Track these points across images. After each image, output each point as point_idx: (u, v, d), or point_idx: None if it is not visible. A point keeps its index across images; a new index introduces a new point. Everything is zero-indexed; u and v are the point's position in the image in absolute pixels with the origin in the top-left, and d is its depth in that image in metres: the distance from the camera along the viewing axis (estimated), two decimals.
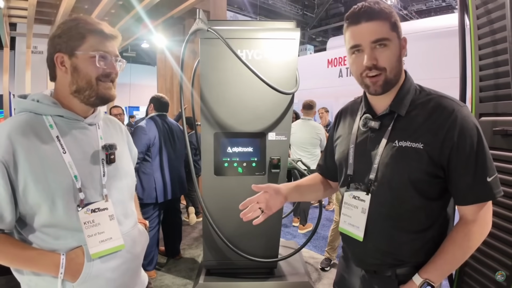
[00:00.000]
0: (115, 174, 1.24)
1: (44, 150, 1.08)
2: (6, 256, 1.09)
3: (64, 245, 1.11)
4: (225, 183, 2.67)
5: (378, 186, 1.19)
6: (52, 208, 1.07)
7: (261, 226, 2.69)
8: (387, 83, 1.15)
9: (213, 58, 2.54)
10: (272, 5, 15.32)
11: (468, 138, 1.08)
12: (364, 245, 1.23)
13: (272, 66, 2.55)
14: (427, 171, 1.11)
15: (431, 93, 1.21)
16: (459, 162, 1.09)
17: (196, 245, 4.42)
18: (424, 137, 1.11)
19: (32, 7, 5.30)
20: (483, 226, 1.14)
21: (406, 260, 1.20)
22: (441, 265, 1.14)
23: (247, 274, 2.84)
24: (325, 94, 10.40)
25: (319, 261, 3.85)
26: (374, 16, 1.11)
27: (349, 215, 1.27)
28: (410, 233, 1.18)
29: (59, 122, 1.14)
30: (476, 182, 1.09)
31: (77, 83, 1.13)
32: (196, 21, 2.42)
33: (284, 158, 2.66)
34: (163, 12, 5.79)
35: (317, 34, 19.19)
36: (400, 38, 1.17)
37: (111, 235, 1.16)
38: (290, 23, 2.74)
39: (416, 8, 15.42)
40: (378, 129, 1.21)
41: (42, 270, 1.10)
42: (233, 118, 2.60)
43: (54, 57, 1.13)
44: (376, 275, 1.26)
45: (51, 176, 1.07)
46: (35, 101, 1.13)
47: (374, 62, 1.12)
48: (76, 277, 1.09)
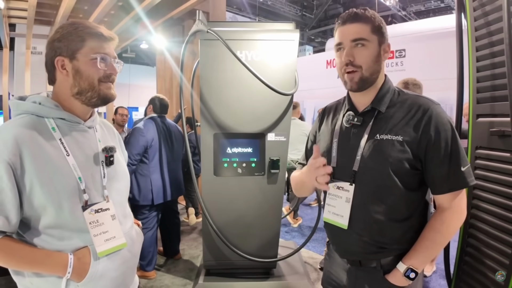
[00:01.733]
0: (114, 176, 1.28)
1: (49, 153, 1.09)
2: (12, 258, 1.08)
3: (69, 246, 1.13)
4: (224, 184, 2.68)
5: (361, 177, 1.27)
6: (58, 209, 1.08)
7: (260, 226, 2.71)
8: (362, 80, 1.26)
9: (213, 59, 2.55)
10: (271, 6, 15.33)
11: (442, 132, 1.19)
12: (349, 233, 1.31)
13: (271, 67, 2.56)
14: (407, 162, 1.21)
15: (408, 94, 1.32)
16: (435, 154, 1.20)
17: (195, 246, 4.43)
18: (403, 131, 1.22)
19: (32, 8, 5.30)
20: (458, 213, 1.24)
21: (388, 247, 1.28)
22: (422, 251, 1.23)
23: (246, 274, 2.84)
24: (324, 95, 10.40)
25: (318, 261, 3.87)
26: (357, 19, 1.25)
27: (333, 205, 1.34)
28: (391, 221, 1.26)
29: (61, 124, 1.16)
30: (451, 172, 1.19)
31: (79, 85, 1.16)
32: (196, 22, 2.43)
33: (283, 159, 2.67)
34: (162, 13, 5.80)
35: (316, 35, 19.21)
36: (383, 42, 1.28)
37: (114, 234, 1.20)
38: (289, 24, 2.75)
39: (415, 9, 15.44)
40: (360, 125, 1.31)
41: (49, 271, 1.10)
42: (232, 118, 2.61)
43: (54, 61, 1.15)
44: (361, 267, 1.33)
45: (56, 178, 1.09)
46: (37, 103, 1.15)
47: (351, 59, 1.24)
48: (82, 276, 1.11)
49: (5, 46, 7.32)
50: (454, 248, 1.87)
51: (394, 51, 9.08)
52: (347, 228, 1.30)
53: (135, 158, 3.31)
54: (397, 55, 9.03)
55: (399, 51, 9.03)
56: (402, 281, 1.24)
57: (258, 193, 2.67)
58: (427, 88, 2.62)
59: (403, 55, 8.92)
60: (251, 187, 2.66)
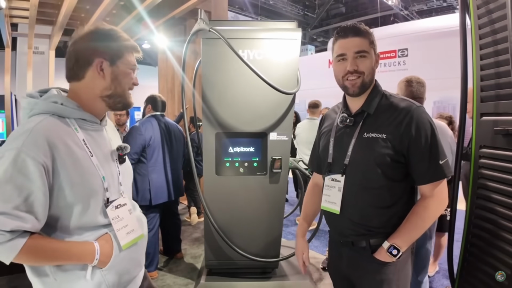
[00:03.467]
0: (125, 173, 1.35)
1: (77, 154, 1.12)
2: (42, 253, 1.09)
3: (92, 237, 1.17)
4: (226, 183, 2.67)
5: (350, 169, 1.48)
6: (85, 208, 1.13)
7: (262, 226, 2.71)
8: (363, 85, 1.45)
9: (215, 58, 2.55)
10: (273, 5, 15.32)
11: (422, 130, 1.37)
12: (341, 217, 1.52)
13: (273, 66, 2.55)
14: (389, 156, 1.39)
15: (395, 97, 1.50)
16: (417, 150, 1.38)
17: (197, 245, 4.43)
18: (387, 130, 1.41)
19: (34, 8, 5.30)
20: (439, 201, 1.41)
21: (375, 230, 1.46)
22: (404, 232, 1.41)
23: (248, 274, 2.84)
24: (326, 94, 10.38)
25: (321, 261, 3.86)
26: (359, 33, 1.43)
27: (329, 194, 1.56)
28: (377, 208, 1.45)
29: (81, 125, 1.19)
30: (431, 166, 1.38)
31: (114, 89, 1.21)
32: (198, 22, 2.42)
33: (285, 158, 2.66)
34: (164, 13, 5.79)
35: (318, 34, 19.18)
36: (375, 53, 1.48)
37: (133, 227, 1.27)
38: (291, 23, 2.74)
39: (417, 8, 15.39)
40: (352, 125, 1.51)
41: (80, 260, 1.13)
42: (234, 118, 2.61)
43: (93, 60, 1.17)
44: (354, 247, 1.52)
45: (85, 179, 1.12)
46: (58, 104, 1.15)
47: (356, 68, 1.43)
48: (106, 262, 1.17)
49: (7, 46, 7.32)
50: (458, 248, 1.85)
51: (397, 51, 9.06)
52: (339, 213, 1.52)
53: (133, 157, 3.24)
54: (400, 55, 9.01)
55: (401, 50, 9.01)
56: (386, 257, 1.42)
57: (260, 193, 2.66)
58: (429, 87, 2.61)
59: (405, 55, 8.90)
60: (253, 187, 2.66)
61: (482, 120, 1.72)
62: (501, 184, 1.59)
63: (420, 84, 2.43)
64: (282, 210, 2.77)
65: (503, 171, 1.58)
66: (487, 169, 1.68)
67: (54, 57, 8.23)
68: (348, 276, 1.59)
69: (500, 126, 1.58)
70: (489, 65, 1.66)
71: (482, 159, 1.72)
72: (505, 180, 1.57)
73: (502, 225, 1.57)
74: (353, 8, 17.27)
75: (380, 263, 1.44)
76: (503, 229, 1.56)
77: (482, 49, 1.70)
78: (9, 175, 1.01)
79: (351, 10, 17.34)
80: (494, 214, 1.62)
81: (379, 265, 1.45)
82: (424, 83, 2.46)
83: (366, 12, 16.21)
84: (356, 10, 17.04)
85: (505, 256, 1.54)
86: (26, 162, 1.01)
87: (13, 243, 1.01)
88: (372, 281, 1.48)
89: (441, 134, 2.37)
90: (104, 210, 1.19)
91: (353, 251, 1.53)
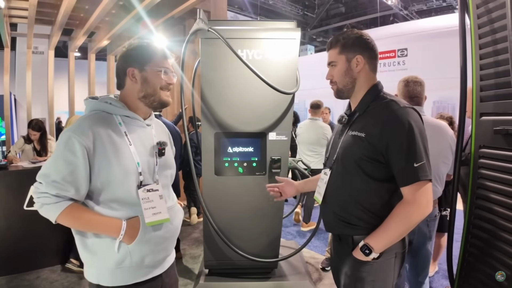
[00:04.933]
0: (163, 165, 1.56)
1: (116, 141, 1.38)
2: (78, 220, 1.35)
3: (123, 215, 1.39)
4: (225, 183, 2.67)
5: (336, 164, 1.58)
6: (120, 185, 1.36)
7: (261, 226, 2.70)
8: (338, 91, 1.59)
9: (214, 58, 2.54)
10: (273, 5, 15.32)
11: (401, 132, 1.37)
12: (324, 207, 1.65)
13: (273, 66, 2.55)
14: (365, 154, 1.44)
15: (386, 98, 1.51)
16: (394, 150, 1.39)
17: (196, 245, 4.42)
18: (367, 129, 1.46)
19: (33, 7, 5.30)
20: (418, 206, 1.37)
21: (355, 224, 1.51)
22: (379, 234, 1.43)
23: (247, 274, 2.84)
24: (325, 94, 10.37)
25: (320, 261, 3.85)
26: (330, 46, 1.61)
27: (319, 185, 1.69)
28: (356, 203, 1.50)
29: (126, 120, 1.46)
30: (406, 167, 1.37)
31: (145, 90, 1.46)
32: (197, 21, 2.41)
33: (284, 158, 2.66)
34: (163, 13, 5.78)
35: (317, 34, 19.18)
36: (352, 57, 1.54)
37: (160, 210, 1.45)
38: (291, 23, 2.73)
39: (417, 8, 15.40)
40: (346, 123, 1.61)
41: (106, 232, 1.37)
42: (233, 118, 2.60)
43: (127, 70, 1.45)
44: (341, 242, 1.60)
45: (121, 161, 1.36)
46: (108, 103, 1.44)
47: (330, 77, 1.61)
48: (132, 239, 1.37)
49: (7, 46, 7.31)
50: (457, 248, 1.85)
51: (396, 50, 9.06)
52: (322, 203, 1.64)
53: None
54: (399, 54, 9.01)
55: (401, 50, 9.01)
56: (359, 255, 1.46)
57: (259, 193, 2.65)
58: (429, 87, 2.60)
59: (405, 54, 8.90)
60: (252, 187, 2.65)
61: (482, 120, 1.71)
62: (501, 184, 1.59)
63: (417, 84, 2.42)
64: (281, 210, 2.76)
65: (503, 171, 1.58)
66: (487, 169, 1.68)
67: (54, 57, 8.22)
68: (338, 269, 1.66)
69: (500, 126, 1.58)
70: (489, 64, 1.66)
71: (481, 159, 1.71)
72: (504, 180, 1.56)
73: (501, 226, 1.56)
74: (352, 8, 17.28)
75: (356, 260, 1.49)
76: (502, 230, 1.56)
77: (482, 48, 1.70)
78: (61, 152, 1.31)
79: (351, 10, 17.35)
80: (493, 215, 1.62)
81: (355, 262, 1.50)
82: (422, 82, 2.44)
83: (366, 12, 16.22)
84: (355, 10, 17.05)
85: (504, 256, 1.54)
86: (74, 144, 1.30)
87: (57, 205, 1.31)
88: (348, 276, 1.54)
89: (441, 134, 2.37)
90: (136, 191, 1.40)
91: (340, 245, 1.61)
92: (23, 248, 3.50)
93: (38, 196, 1.33)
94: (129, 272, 1.42)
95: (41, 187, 1.32)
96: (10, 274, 3.48)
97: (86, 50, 9.44)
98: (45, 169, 1.34)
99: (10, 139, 7.46)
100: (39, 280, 3.40)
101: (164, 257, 1.55)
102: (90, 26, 6.23)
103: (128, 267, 1.40)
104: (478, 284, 1.69)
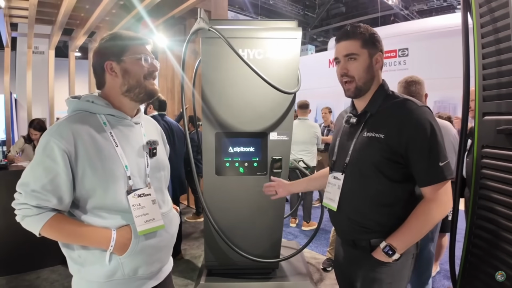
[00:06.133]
0: (155, 166, 1.44)
1: (101, 144, 1.26)
2: (63, 232, 1.25)
3: (113, 224, 1.28)
4: (226, 183, 2.66)
5: (350, 167, 1.50)
6: (106, 192, 1.24)
7: (262, 226, 2.70)
8: (357, 89, 1.47)
9: (215, 58, 2.54)
10: (273, 5, 15.32)
11: (421, 131, 1.34)
12: (338, 214, 1.55)
13: (274, 65, 2.54)
14: (385, 156, 1.39)
15: (399, 97, 1.48)
16: (415, 150, 1.35)
17: (197, 246, 4.42)
18: (385, 129, 1.40)
19: (33, 7, 5.30)
20: (440, 204, 1.37)
21: (372, 228, 1.46)
22: (402, 234, 1.40)
23: (248, 274, 2.83)
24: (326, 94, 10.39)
25: (321, 262, 3.84)
26: (349, 36, 1.45)
27: (329, 191, 1.60)
28: (375, 207, 1.45)
29: (110, 120, 1.34)
30: (430, 167, 1.34)
31: (128, 83, 1.34)
32: (198, 21, 2.41)
33: (285, 158, 2.65)
34: (164, 12, 5.78)
35: (318, 34, 19.18)
36: (374, 53, 1.46)
37: (153, 217, 1.35)
38: (292, 22, 2.72)
39: (418, 8, 15.39)
40: (356, 125, 1.53)
41: (94, 244, 1.26)
42: (234, 117, 2.59)
43: (104, 65, 1.33)
44: (355, 246, 1.53)
45: (106, 165, 1.25)
46: (90, 102, 1.32)
47: (345, 71, 1.46)
48: (124, 250, 1.27)
49: (7, 46, 7.32)
50: (459, 248, 1.84)
51: (397, 50, 9.05)
52: (337, 210, 1.54)
53: None
54: (400, 54, 9.00)
55: (401, 50, 9.00)
56: (381, 256, 1.42)
57: (260, 193, 2.64)
58: (430, 87, 2.60)
59: (406, 54, 8.89)
60: (253, 187, 2.64)
61: (485, 120, 1.70)
62: (503, 184, 1.58)
63: (415, 83, 2.43)
64: (282, 210, 2.76)
65: (506, 171, 1.57)
66: (490, 169, 1.67)
67: (54, 56, 8.22)
68: (349, 275, 1.61)
69: (503, 125, 1.57)
70: (491, 64, 1.65)
71: (484, 159, 1.70)
72: (507, 180, 1.55)
73: (504, 226, 1.55)
74: (353, 8, 17.28)
75: (375, 261, 1.44)
76: (505, 230, 1.55)
77: (484, 48, 1.69)
78: (40, 158, 1.20)
79: (351, 10, 17.35)
80: (496, 215, 1.61)
81: (375, 263, 1.45)
82: (421, 81, 2.45)
83: (367, 12, 16.21)
84: (356, 10, 17.05)
85: (507, 257, 1.53)
86: (53, 148, 1.18)
87: (39, 217, 1.20)
88: (365, 278, 1.50)
89: (444, 134, 2.37)
90: (126, 197, 1.28)
91: (354, 249, 1.55)
92: (23, 248, 3.49)
93: (18, 208, 1.22)
94: (121, 285, 1.31)
95: (20, 197, 1.21)
96: (10, 274, 3.48)
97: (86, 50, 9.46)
98: (23, 177, 1.22)
99: (10, 139, 7.47)
100: (39, 281, 3.39)
101: (159, 268, 1.44)
102: (90, 26, 6.24)
103: (120, 280, 1.30)
104: (480, 284, 1.68)
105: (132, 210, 1.29)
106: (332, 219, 1.67)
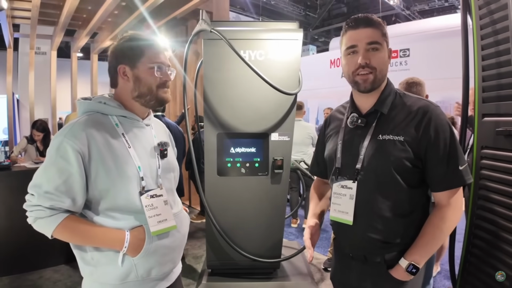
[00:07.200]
0: (166, 167, 1.45)
1: (113, 144, 1.26)
2: (76, 233, 1.24)
3: (126, 225, 1.27)
4: (228, 184, 2.67)
5: (364, 174, 1.34)
6: (119, 192, 1.25)
7: (264, 226, 2.71)
8: (375, 81, 1.32)
9: (216, 59, 2.55)
10: (275, 5, 15.32)
11: (441, 133, 1.26)
12: (354, 229, 1.37)
13: (275, 66, 2.55)
14: (408, 160, 1.27)
15: (410, 96, 1.39)
16: (434, 153, 1.26)
17: (199, 246, 4.43)
18: (405, 132, 1.28)
19: (36, 8, 5.32)
20: (456, 210, 1.29)
21: (392, 241, 1.33)
22: (422, 246, 1.29)
23: (250, 274, 2.84)
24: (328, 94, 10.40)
25: (322, 262, 3.85)
26: (371, 23, 1.31)
27: (339, 203, 1.40)
28: (395, 217, 1.32)
29: (122, 121, 1.34)
30: (449, 171, 1.26)
31: (139, 90, 1.33)
32: (200, 22, 2.42)
33: (287, 159, 2.66)
34: (166, 13, 5.80)
35: (319, 34, 19.18)
36: (388, 47, 1.35)
37: (166, 217, 1.35)
38: (293, 23, 2.73)
39: (419, 8, 15.38)
40: (364, 126, 1.37)
41: (108, 245, 1.25)
42: (236, 118, 2.60)
43: (117, 68, 1.33)
44: (366, 261, 1.38)
45: (120, 166, 1.25)
46: (102, 103, 1.32)
47: (367, 61, 1.29)
48: (138, 251, 1.26)
49: (9, 47, 7.35)
50: (459, 249, 1.85)
51: (398, 51, 9.04)
52: (352, 224, 1.36)
53: None
54: (401, 55, 9.00)
55: (403, 50, 9.00)
56: (405, 276, 1.30)
57: (261, 193, 2.66)
58: (431, 88, 2.61)
59: (407, 55, 8.88)
60: (255, 187, 2.65)
61: (484, 121, 1.71)
62: (502, 185, 1.59)
63: (416, 84, 2.44)
64: (283, 211, 2.77)
65: (505, 172, 1.58)
66: (489, 170, 1.68)
67: (56, 57, 8.24)
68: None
69: (502, 127, 1.58)
70: (491, 65, 1.66)
71: (483, 160, 1.71)
72: (506, 181, 1.56)
73: (503, 226, 1.56)
74: (354, 8, 17.27)
75: (396, 281, 1.32)
76: (505, 230, 1.56)
77: (484, 49, 1.70)
78: (53, 159, 1.19)
79: (353, 10, 17.34)
80: (495, 215, 1.62)
81: (396, 283, 1.32)
82: (421, 82, 2.46)
83: (368, 12, 16.18)
84: (357, 10, 17.03)
85: (507, 257, 1.54)
86: (67, 149, 1.18)
87: (52, 218, 1.18)
88: None
89: None
90: (139, 197, 1.28)
91: (365, 265, 1.39)
92: (25, 248, 3.51)
93: (30, 210, 1.20)
94: (135, 287, 1.30)
95: (33, 199, 1.19)
96: (13, 274, 3.50)
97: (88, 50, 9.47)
98: (36, 178, 1.21)
99: (12, 139, 7.49)
100: (42, 280, 3.41)
101: (171, 269, 1.44)
102: (92, 27, 6.26)
103: (133, 282, 1.29)
104: (480, 284, 1.69)
105: (145, 211, 1.28)
106: (341, 234, 1.48)
